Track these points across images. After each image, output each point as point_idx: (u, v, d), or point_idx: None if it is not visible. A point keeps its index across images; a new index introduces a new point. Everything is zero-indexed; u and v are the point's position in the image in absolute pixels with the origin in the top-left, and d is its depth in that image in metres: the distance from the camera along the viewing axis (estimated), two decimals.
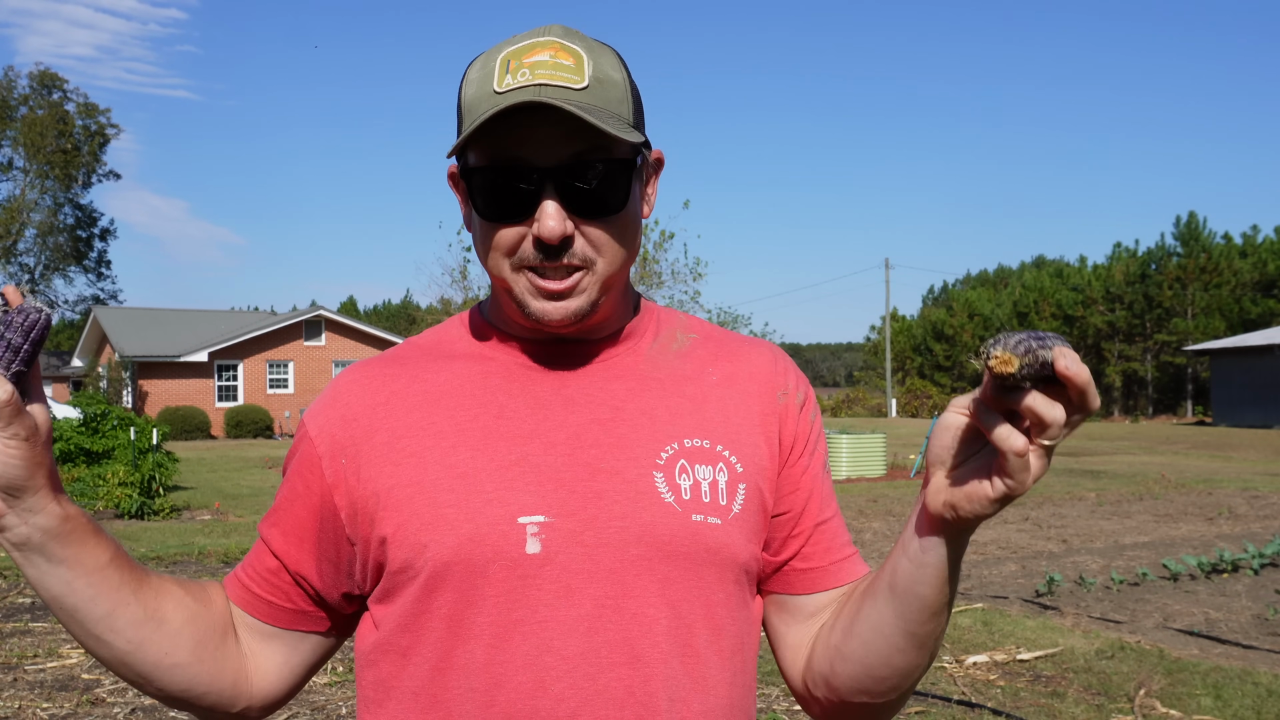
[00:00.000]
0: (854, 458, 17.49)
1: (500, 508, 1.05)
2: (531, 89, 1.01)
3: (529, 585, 1.04)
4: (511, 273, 1.07)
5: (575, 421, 1.10)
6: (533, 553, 1.04)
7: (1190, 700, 5.22)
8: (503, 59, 1.05)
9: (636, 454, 1.09)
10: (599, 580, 1.05)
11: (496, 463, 1.07)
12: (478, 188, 1.06)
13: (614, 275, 1.09)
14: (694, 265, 19.89)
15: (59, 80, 50.15)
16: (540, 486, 1.06)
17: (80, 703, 5.24)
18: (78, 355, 45.30)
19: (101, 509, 12.91)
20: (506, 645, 1.04)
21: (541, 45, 1.05)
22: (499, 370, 1.14)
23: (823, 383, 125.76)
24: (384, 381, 1.15)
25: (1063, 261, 70.36)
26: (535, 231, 1.04)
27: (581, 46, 1.07)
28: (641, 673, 1.04)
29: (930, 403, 53.67)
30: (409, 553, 1.05)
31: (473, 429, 1.09)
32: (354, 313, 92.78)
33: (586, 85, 1.03)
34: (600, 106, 1.03)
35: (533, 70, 1.03)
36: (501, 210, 1.05)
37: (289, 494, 1.15)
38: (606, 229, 1.07)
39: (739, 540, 1.10)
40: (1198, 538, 10.72)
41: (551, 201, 1.03)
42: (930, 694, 5.32)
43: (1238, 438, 30.12)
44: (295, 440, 1.18)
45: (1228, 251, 55.29)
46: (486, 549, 1.04)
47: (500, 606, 1.04)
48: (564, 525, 1.05)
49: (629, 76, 1.10)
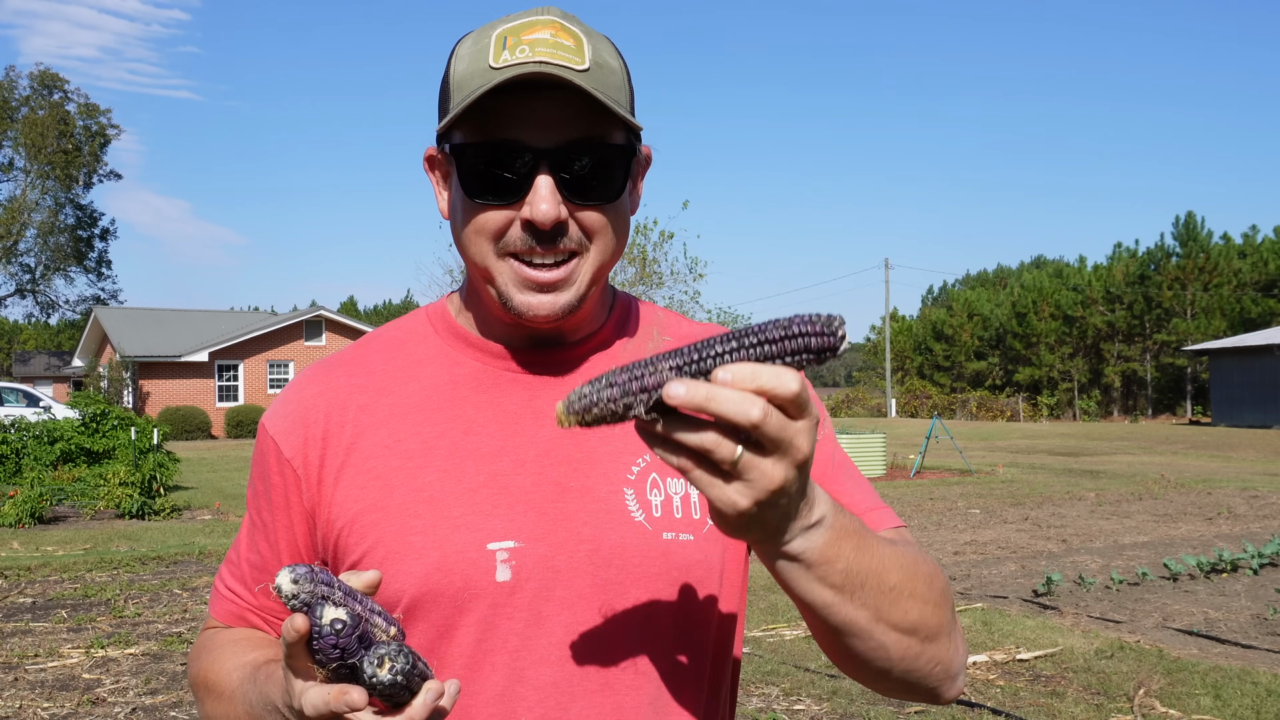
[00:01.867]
0: (854, 457, 17.45)
1: (469, 533, 1.02)
2: (534, 65, 0.96)
3: (499, 614, 1.02)
4: (496, 260, 1.02)
5: (545, 436, 1.07)
6: (503, 580, 1.01)
7: (1190, 700, 5.22)
8: (499, 35, 1.00)
9: (607, 469, 1.06)
10: (570, 606, 1.02)
11: (465, 484, 1.04)
12: (466, 165, 1.00)
13: (603, 266, 1.05)
14: (693, 265, 19.84)
15: (60, 80, 50.14)
16: (510, 509, 1.03)
17: (80, 702, 5.24)
18: (78, 355, 45.32)
19: (102, 509, 12.92)
20: (477, 676, 1.02)
21: (541, 24, 1.00)
22: (468, 379, 1.10)
23: (823, 383, 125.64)
24: (350, 394, 1.10)
25: (1062, 261, 70.32)
26: (527, 215, 0.98)
27: (580, 30, 1.02)
28: (613, 700, 1.03)
29: (930, 403, 53.66)
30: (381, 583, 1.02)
31: (440, 446, 1.06)
32: (354, 313, 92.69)
33: (588, 68, 0.98)
34: (600, 90, 0.98)
35: (532, 47, 0.97)
36: (490, 189, 0.99)
37: (271, 516, 1.11)
38: (601, 215, 1.02)
39: (714, 553, 1.08)
40: (1197, 537, 10.73)
41: (546, 181, 0.98)
42: None
43: (1237, 438, 30.12)
44: (263, 454, 1.12)
45: (1227, 251, 55.25)
46: (456, 578, 1.01)
47: (471, 637, 1.02)
48: (534, 550, 1.02)
49: (625, 66, 1.06)
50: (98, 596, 7.85)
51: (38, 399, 29.10)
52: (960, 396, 56.88)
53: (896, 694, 1.03)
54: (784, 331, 0.78)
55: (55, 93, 49.96)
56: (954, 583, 8.32)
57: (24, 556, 9.67)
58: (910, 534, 1.12)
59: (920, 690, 1.01)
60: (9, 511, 11.94)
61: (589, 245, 1.02)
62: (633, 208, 1.10)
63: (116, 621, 7.03)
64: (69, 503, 13.98)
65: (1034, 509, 13.29)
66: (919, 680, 0.99)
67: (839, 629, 0.92)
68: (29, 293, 52.62)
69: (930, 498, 14.58)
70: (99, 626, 6.88)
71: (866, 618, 0.91)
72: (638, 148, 1.06)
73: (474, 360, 1.11)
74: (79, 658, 6.07)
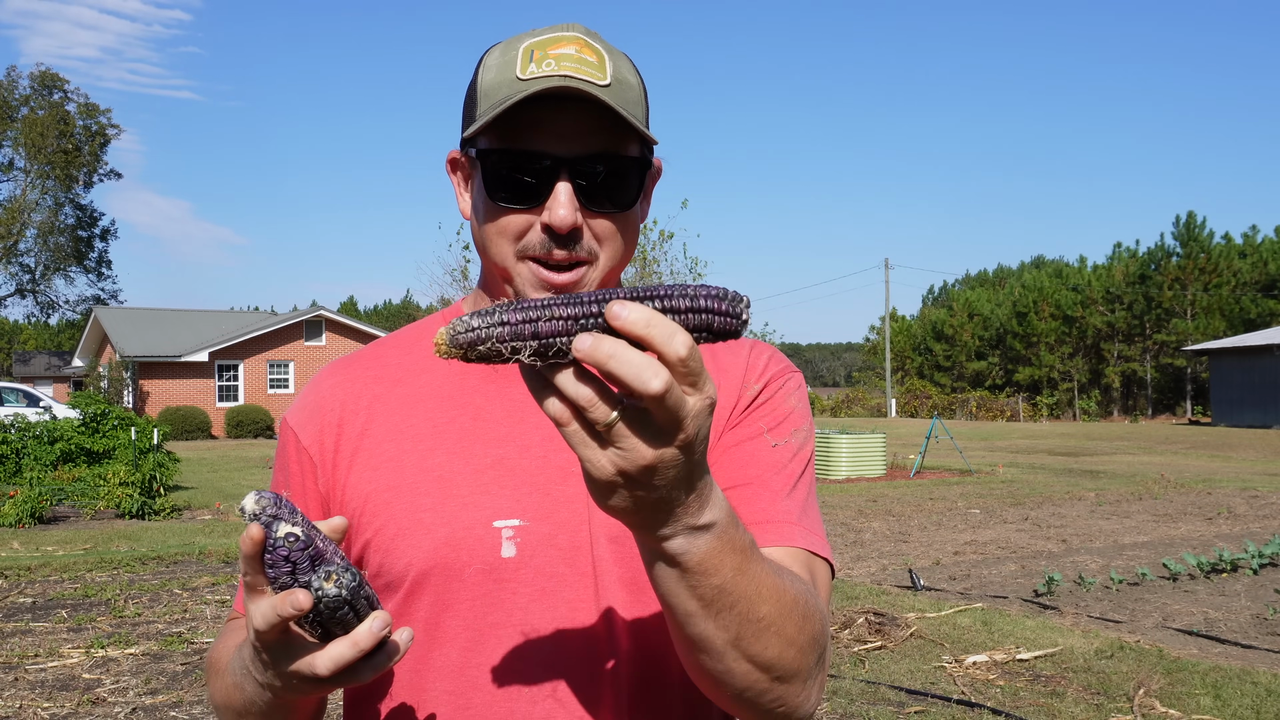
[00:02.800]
0: (854, 458, 17.49)
1: (476, 511, 1.07)
2: (560, 78, 1.01)
3: (504, 589, 1.06)
4: (515, 261, 1.07)
5: (550, 425, 1.08)
6: (508, 556, 1.06)
7: (1190, 700, 5.23)
8: (526, 48, 1.05)
9: None
10: (572, 583, 1.06)
11: (473, 466, 1.09)
12: (490, 170, 1.06)
13: (612, 272, 1.10)
14: (693, 265, 19.83)
15: (59, 80, 50.16)
16: (515, 490, 1.08)
17: (81, 702, 5.25)
18: (78, 355, 45.32)
19: (102, 509, 12.92)
20: (482, 648, 1.06)
21: (566, 39, 1.06)
22: (478, 371, 1.14)
23: (822, 383, 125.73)
24: (365, 385, 1.17)
25: (1062, 261, 70.31)
26: (546, 219, 1.04)
27: (603, 47, 1.08)
28: (608, 674, 1.06)
29: (930, 403, 53.64)
30: (388, 558, 1.08)
31: (450, 431, 1.11)
32: (354, 313, 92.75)
33: (609, 83, 1.04)
34: (620, 105, 1.04)
35: (558, 61, 1.03)
36: (513, 193, 1.05)
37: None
38: (613, 223, 1.07)
39: None
40: (1197, 537, 10.73)
41: (566, 188, 1.03)
42: (930, 694, 5.33)
43: (1237, 438, 30.12)
44: (284, 446, 1.19)
45: (1227, 251, 55.25)
46: (463, 553, 1.05)
47: (476, 610, 1.06)
48: (538, 529, 1.06)
49: (642, 83, 1.12)
50: (98, 596, 7.85)
51: (38, 399, 29.08)
52: (960, 396, 56.87)
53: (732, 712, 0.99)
54: (689, 303, 0.73)
55: (55, 93, 49.99)
56: (954, 582, 8.33)
57: (24, 556, 9.67)
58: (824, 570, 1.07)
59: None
60: (9, 511, 11.94)
61: (599, 252, 1.07)
62: (642, 217, 1.15)
63: (116, 621, 7.03)
64: (69, 503, 13.98)
65: (1034, 509, 13.29)
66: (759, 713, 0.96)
67: (692, 641, 0.89)
68: (29, 293, 52.64)
69: (930, 498, 14.58)
70: (99, 626, 6.88)
71: (724, 640, 0.88)
72: (651, 160, 1.12)
73: None
74: (79, 658, 6.07)
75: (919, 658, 6.06)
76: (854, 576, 8.61)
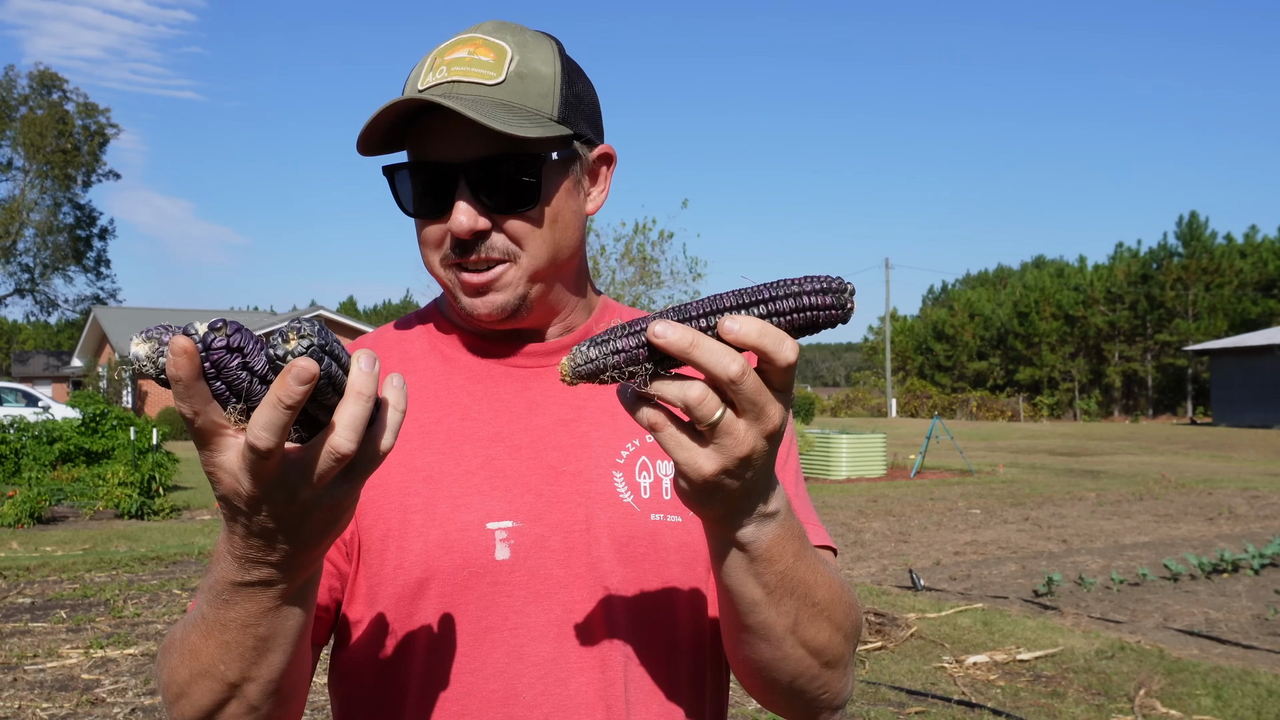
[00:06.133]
0: (854, 458, 17.47)
1: (468, 513, 1.05)
2: (444, 87, 1.03)
3: (499, 591, 1.04)
4: (443, 269, 1.09)
5: (538, 424, 1.10)
6: (502, 559, 1.04)
7: (1190, 700, 5.22)
8: (432, 56, 1.07)
9: (597, 454, 1.10)
10: (565, 585, 1.05)
11: (463, 467, 1.07)
12: (400, 186, 1.08)
13: (542, 269, 1.07)
14: (693, 265, 19.78)
15: (58, 80, 50.15)
16: (506, 491, 1.06)
17: (80, 703, 5.24)
18: (77, 355, 45.33)
19: (101, 509, 12.91)
20: (478, 652, 1.04)
21: (464, 42, 1.06)
22: (463, 371, 1.14)
23: (822, 383, 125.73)
24: None
25: (1063, 261, 70.32)
26: (449, 226, 1.04)
27: (511, 40, 1.06)
28: (607, 676, 1.04)
29: (930, 403, 53.65)
30: (378, 560, 1.05)
31: (438, 431, 1.09)
32: (354, 313, 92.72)
33: (502, 80, 1.03)
34: (513, 102, 1.03)
35: (449, 67, 1.04)
36: (423, 207, 1.07)
37: None
38: (527, 222, 1.05)
39: (702, 536, 1.08)
40: (1198, 538, 10.72)
41: (462, 199, 1.03)
42: (930, 694, 5.32)
43: (1238, 438, 30.11)
44: None
45: (1229, 251, 55.28)
46: (456, 556, 1.03)
47: (472, 614, 1.04)
48: (531, 530, 1.05)
49: (565, 70, 1.08)
50: (97, 597, 7.83)
51: (37, 399, 29.07)
52: (961, 396, 56.89)
53: (774, 708, 1.05)
54: (793, 304, 0.76)
55: (54, 92, 49.97)
56: (954, 583, 8.32)
57: (23, 556, 9.66)
58: (835, 561, 1.14)
59: (800, 711, 1.03)
60: (8, 511, 11.92)
61: (518, 252, 1.06)
62: (590, 207, 1.13)
63: (116, 622, 7.01)
64: (68, 503, 13.97)
65: (1034, 509, 13.28)
66: (804, 702, 1.02)
67: (753, 629, 0.94)
68: (28, 292, 52.62)
69: (930, 498, 14.56)
70: (98, 627, 6.87)
71: (783, 627, 0.93)
72: (576, 151, 1.09)
73: (468, 355, 1.15)
74: (78, 658, 6.06)
75: (919, 658, 6.05)
76: (854, 577, 8.60)
